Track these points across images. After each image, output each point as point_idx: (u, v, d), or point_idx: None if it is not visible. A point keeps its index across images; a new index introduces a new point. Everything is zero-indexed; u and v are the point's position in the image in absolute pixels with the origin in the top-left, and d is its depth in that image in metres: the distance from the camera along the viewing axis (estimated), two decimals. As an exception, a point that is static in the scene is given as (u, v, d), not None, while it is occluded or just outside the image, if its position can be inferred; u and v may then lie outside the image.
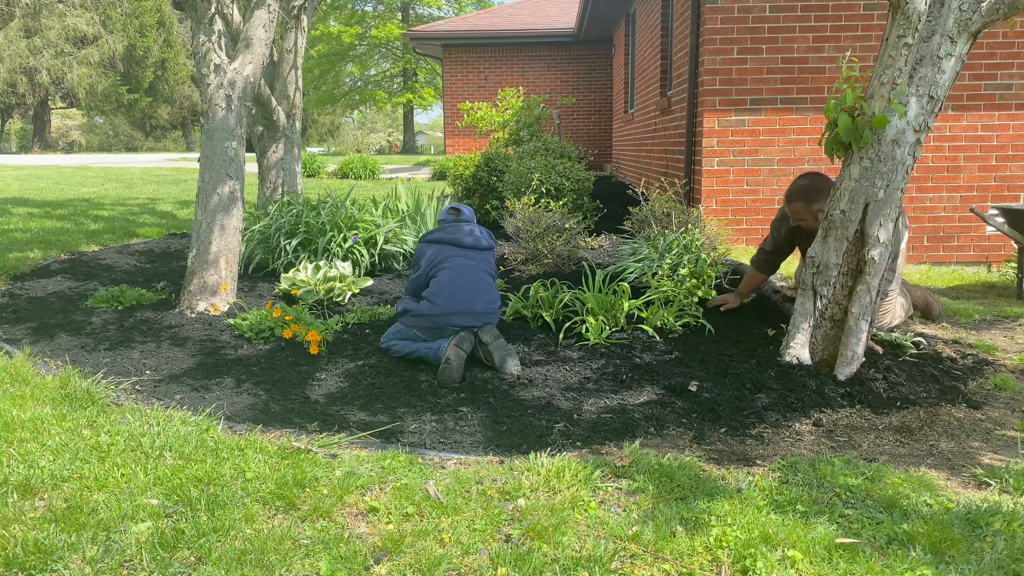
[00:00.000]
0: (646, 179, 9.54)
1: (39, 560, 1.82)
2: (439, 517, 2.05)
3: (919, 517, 2.05)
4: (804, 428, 2.79)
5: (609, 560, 1.84)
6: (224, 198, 4.40)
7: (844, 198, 3.13)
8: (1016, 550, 1.88)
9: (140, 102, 42.14)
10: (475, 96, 16.71)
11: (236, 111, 4.44)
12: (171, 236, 7.42)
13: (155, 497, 2.14)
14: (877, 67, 3.08)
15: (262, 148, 6.46)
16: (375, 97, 38.35)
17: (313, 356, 3.61)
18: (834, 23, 6.04)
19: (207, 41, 4.40)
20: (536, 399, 3.08)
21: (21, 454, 2.38)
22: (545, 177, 7.05)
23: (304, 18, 6.38)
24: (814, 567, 1.82)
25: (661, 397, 3.10)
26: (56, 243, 6.53)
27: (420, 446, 2.63)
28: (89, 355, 3.60)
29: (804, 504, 2.12)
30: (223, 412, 2.91)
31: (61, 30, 36.91)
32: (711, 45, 6.11)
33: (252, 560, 1.83)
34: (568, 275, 5.09)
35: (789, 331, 3.45)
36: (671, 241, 4.78)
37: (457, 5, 36.62)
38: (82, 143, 50.71)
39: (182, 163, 22.19)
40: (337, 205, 5.66)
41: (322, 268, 4.79)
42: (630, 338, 3.82)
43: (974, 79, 6.06)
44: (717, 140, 6.21)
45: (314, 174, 16.78)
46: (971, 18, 2.87)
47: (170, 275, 5.44)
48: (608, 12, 13.18)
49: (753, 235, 6.30)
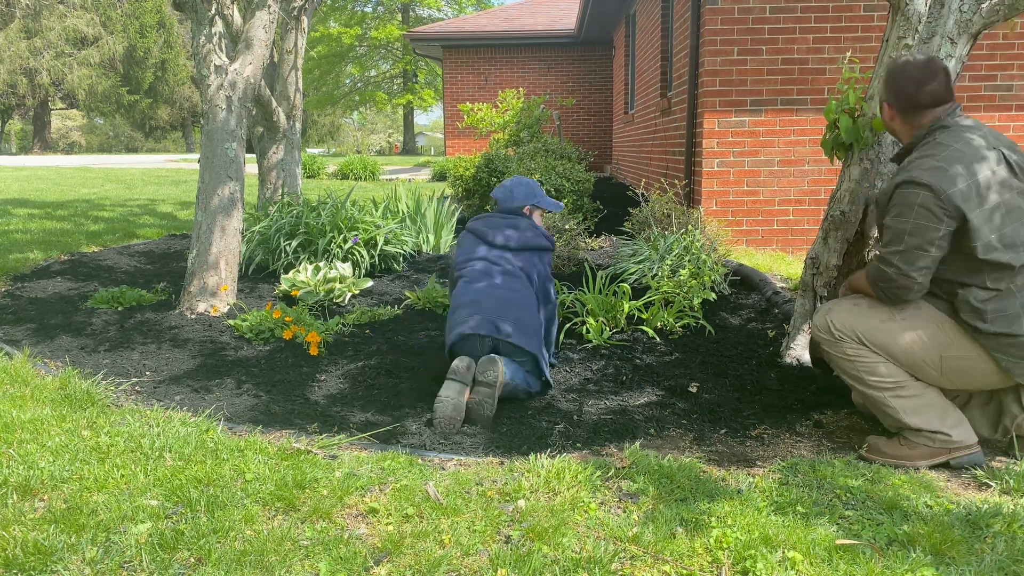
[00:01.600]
0: (646, 180, 9.54)
1: (39, 561, 1.82)
2: (439, 518, 2.05)
3: (919, 518, 2.05)
4: (804, 429, 2.79)
5: (609, 561, 1.84)
6: (224, 199, 4.39)
7: (844, 199, 3.13)
8: (1016, 551, 1.88)
9: (140, 103, 42.14)
10: (475, 97, 16.71)
11: (236, 112, 4.44)
12: (171, 237, 7.43)
13: (155, 498, 2.14)
14: (877, 68, 3.08)
15: (262, 149, 6.45)
16: (375, 98, 38.37)
17: (313, 357, 3.61)
18: (834, 24, 6.04)
19: (207, 42, 4.40)
20: (536, 400, 3.07)
21: (21, 455, 2.38)
22: (545, 178, 7.05)
23: (304, 19, 6.38)
24: (814, 568, 1.82)
25: (661, 398, 3.10)
26: (57, 244, 6.53)
27: (420, 447, 2.63)
28: (89, 356, 3.60)
29: (804, 505, 2.12)
30: (223, 413, 2.91)
31: (61, 31, 36.92)
32: (711, 46, 6.11)
33: (252, 561, 1.83)
34: (568, 276, 5.09)
35: (789, 332, 3.45)
36: (671, 242, 4.78)
37: (457, 6, 36.64)
38: (82, 144, 50.72)
39: (182, 164, 22.19)
40: (337, 206, 5.66)
41: (322, 269, 4.79)
42: (630, 339, 3.82)
43: (974, 80, 6.06)
44: (717, 141, 6.21)
45: (314, 175, 16.78)
46: (971, 19, 2.87)
47: (170, 276, 5.44)
48: (608, 13, 13.19)
49: (753, 236, 6.31)
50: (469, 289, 3.18)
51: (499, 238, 3.32)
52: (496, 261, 3.27)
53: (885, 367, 2.45)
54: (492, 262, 3.26)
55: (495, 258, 3.28)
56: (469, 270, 3.27)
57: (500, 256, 3.28)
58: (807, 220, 6.25)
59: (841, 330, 2.50)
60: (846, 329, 2.49)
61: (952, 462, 2.42)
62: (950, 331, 2.40)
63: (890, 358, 2.44)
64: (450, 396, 2.79)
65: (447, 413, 2.76)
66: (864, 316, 2.49)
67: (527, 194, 3.45)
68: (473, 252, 3.33)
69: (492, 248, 3.32)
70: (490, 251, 3.30)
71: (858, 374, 2.49)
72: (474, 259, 3.30)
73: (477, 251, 3.32)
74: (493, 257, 3.28)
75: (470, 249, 3.35)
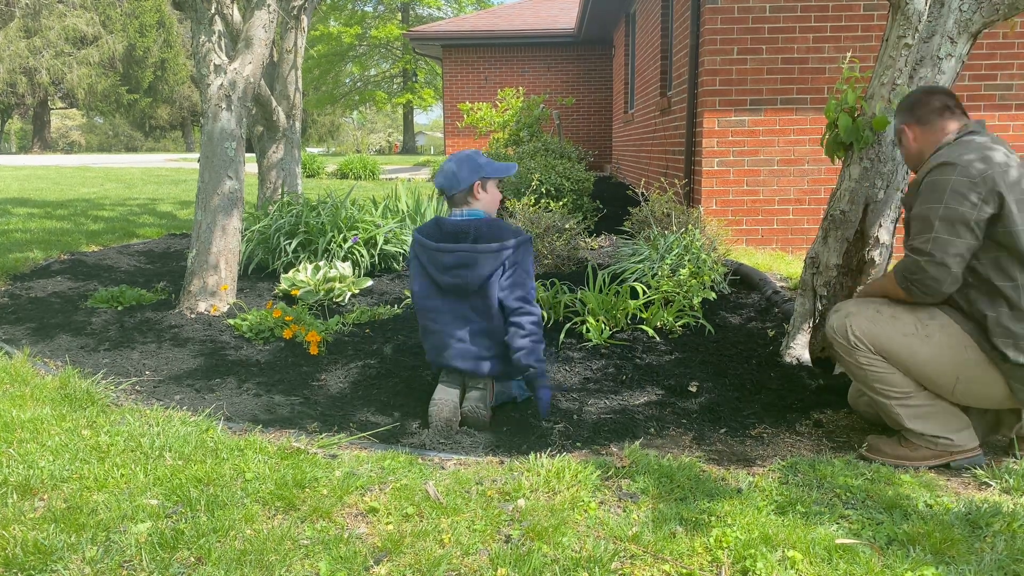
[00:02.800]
0: (646, 179, 9.54)
1: (39, 560, 1.82)
2: (439, 517, 2.05)
3: (919, 518, 2.05)
4: (804, 428, 2.79)
5: (609, 561, 1.84)
6: (224, 198, 4.39)
7: (844, 199, 3.13)
8: (1016, 550, 1.88)
9: (140, 102, 42.14)
10: (475, 96, 16.71)
11: (236, 111, 4.44)
12: (171, 236, 7.43)
13: (155, 497, 2.14)
14: (877, 67, 3.08)
15: (262, 148, 6.46)
16: (375, 97, 38.37)
17: (313, 356, 3.61)
18: (834, 23, 6.04)
19: (207, 41, 4.40)
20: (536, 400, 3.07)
21: (21, 454, 2.38)
22: (545, 177, 7.05)
23: (304, 18, 6.38)
24: (814, 568, 1.82)
25: (661, 398, 3.10)
26: (56, 243, 6.53)
27: (420, 446, 2.63)
28: (89, 355, 3.60)
29: (804, 505, 2.12)
30: (223, 412, 2.90)
31: (61, 30, 36.92)
32: (711, 45, 6.11)
33: (252, 560, 1.83)
34: (568, 275, 5.09)
35: (789, 332, 3.45)
36: (671, 242, 4.78)
37: (457, 5, 36.63)
38: (82, 143, 50.72)
39: (182, 163, 22.19)
40: (337, 205, 5.66)
41: (322, 268, 4.79)
42: (630, 339, 3.82)
43: (974, 80, 6.06)
44: (717, 141, 6.21)
45: (314, 174, 16.78)
46: (971, 18, 2.87)
47: (170, 275, 5.43)
48: (608, 13, 13.18)
49: (753, 236, 6.31)
50: (436, 333, 2.88)
51: (448, 279, 2.82)
52: (456, 313, 2.85)
53: (896, 378, 2.40)
54: (454, 315, 2.85)
55: (452, 310, 2.85)
56: (431, 316, 2.89)
57: (456, 306, 2.85)
58: (807, 219, 6.25)
59: (860, 338, 2.41)
60: (865, 338, 2.41)
61: (952, 464, 2.42)
62: (972, 355, 2.33)
63: (903, 371, 2.40)
64: (444, 399, 2.79)
65: (444, 415, 2.76)
66: (886, 326, 2.40)
67: (472, 169, 2.87)
68: (427, 295, 2.89)
69: (446, 297, 2.86)
70: (444, 301, 2.86)
71: (867, 381, 2.45)
72: (431, 307, 2.89)
73: (431, 298, 2.88)
74: (449, 309, 2.85)
75: (424, 289, 2.90)
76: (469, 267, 2.78)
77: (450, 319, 2.85)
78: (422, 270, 2.90)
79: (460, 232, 2.83)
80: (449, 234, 2.85)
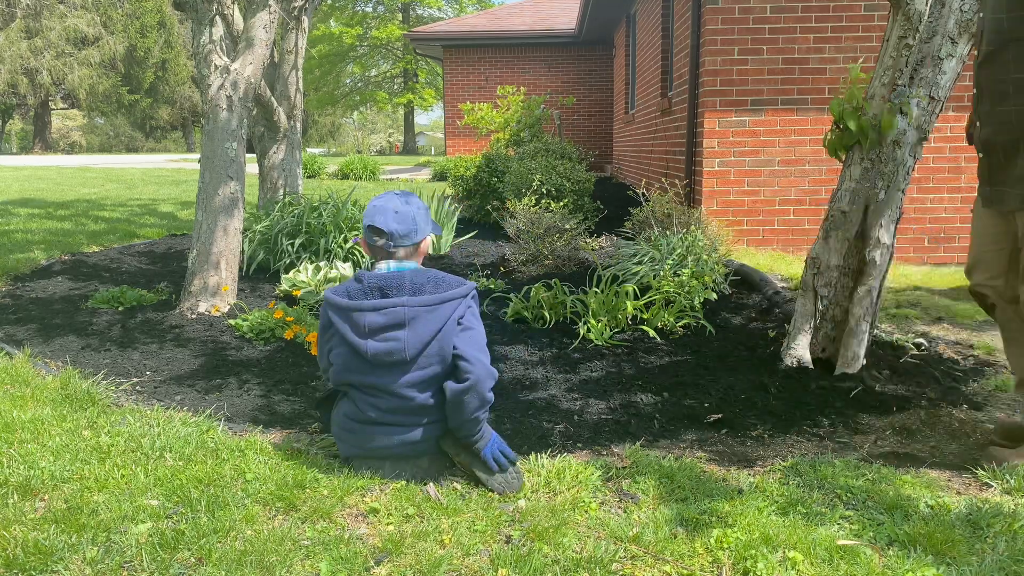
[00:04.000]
0: (647, 180, 9.54)
1: (39, 561, 1.82)
2: (439, 518, 2.05)
3: (920, 518, 2.04)
4: (805, 429, 2.79)
5: (609, 561, 1.84)
6: (225, 199, 4.40)
7: (845, 199, 3.13)
8: (1017, 551, 1.88)
9: (141, 103, 42.17)
10: (476, 97, 16.71)
11: (237, 112, 4.44)
12: (172, 237, 7.43)
13: (155, 498, 2.14)
14: (878, 68, 3.08)
15: (263, 149, 6.46)
16: (376, 98, 38.41)
17: (314, 357, 3.61)
18: (835, 24, 6.04)
19: (208, 42, 4.40)
20: (537, 400, 3.07)
21: (21, 455, 2.38)
22: (546, 178, 7.05)
23: (305, 19, 6.38)
24: (815, 568, 1.82)
25: (662, 398, 3.09)
26: (58, 244, 6.53)
27: (421, 447, 2.62)
28: (90, 356, 3.60)
29: (805, 505, 2.12)
30: (224, 413, 2.91)
31: (62, 31, 36.94)
32: (712, 46, 6.11)
33: (252, 561, 1.83)
34: (569, 276, 5.09)
35: (790, 332, 3.45)
36: (672, 242, 4.78)
37: (458, 6, 36.67)
38: (83, 144, 50.74)
39: (183, 164, 22.20)
40: (338, 206, 5.66)
41: (323, 269, 4.79)
42: (631, 339, 3.82)
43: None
44: (718, 141, 6.21)
45: (315, 175, 16.78)
46: (972, 19, 2.87)
47: (171, 276, 5.44)
48: (609, 13, 13.18)
49: (754, 236, 6.30)
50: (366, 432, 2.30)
51: (375, 345, 2.22)
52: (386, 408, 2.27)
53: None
54: (383, 410, 2.27)
55: (385, 405, 2.27)
56: (357, 401, 2.31)
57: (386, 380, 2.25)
58: (808, 220, 6.25)
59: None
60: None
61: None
62: None
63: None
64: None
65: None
66: None
67: (426, 219, 2.38)
68: (352, 375, 2.29)
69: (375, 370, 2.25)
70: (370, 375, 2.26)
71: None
72: (358, 393, 2.31)
73: (357, 381, 2.29)
74: (383, 405, 2.27)
75: (347, 365, 2.28)
76: (406, 326, 2.22)
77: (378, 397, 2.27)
78: (340, 339, 2.29)
79: (390, 286, 2.24)
80: (374, 288, 2.25)
